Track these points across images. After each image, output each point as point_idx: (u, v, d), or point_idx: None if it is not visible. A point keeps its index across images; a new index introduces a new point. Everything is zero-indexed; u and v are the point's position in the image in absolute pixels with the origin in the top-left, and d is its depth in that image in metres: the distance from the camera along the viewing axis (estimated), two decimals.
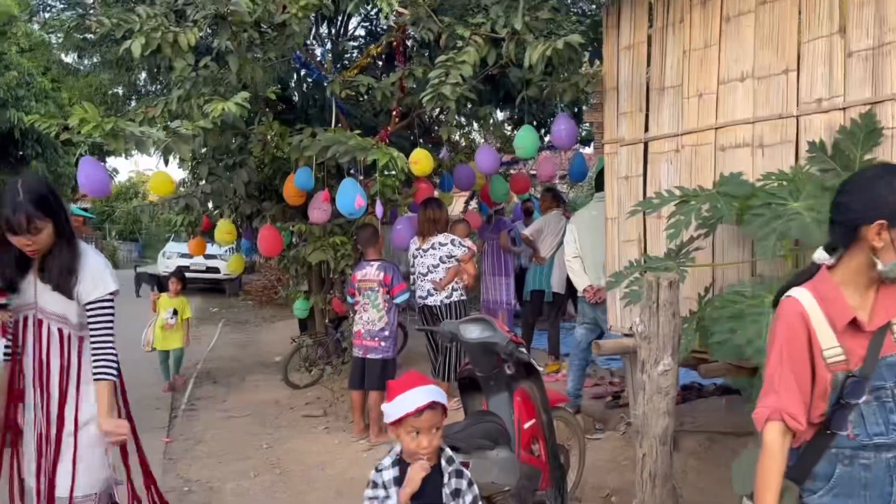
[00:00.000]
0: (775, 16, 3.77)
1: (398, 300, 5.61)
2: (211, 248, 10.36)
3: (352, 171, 6.35)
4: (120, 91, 8.21)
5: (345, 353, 7.23)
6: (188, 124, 4.98)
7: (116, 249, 44.90)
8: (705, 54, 4.14)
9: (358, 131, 4.97)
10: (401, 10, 5.66)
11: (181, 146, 4.88)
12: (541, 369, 3.82)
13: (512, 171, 8.05)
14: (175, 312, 7.56)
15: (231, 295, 18.04)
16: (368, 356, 5.65)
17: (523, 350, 3.42)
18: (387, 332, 5.64)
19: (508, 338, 3.42)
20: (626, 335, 4.82)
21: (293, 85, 7.17)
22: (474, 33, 5.08)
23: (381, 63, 6.91)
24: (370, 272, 5.65)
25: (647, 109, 4.57)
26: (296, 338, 7.35)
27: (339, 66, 6.68)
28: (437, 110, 7.00)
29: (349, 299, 5.95)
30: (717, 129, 4.07)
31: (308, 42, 5.89)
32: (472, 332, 3.59)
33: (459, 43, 5.02)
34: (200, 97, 5.39)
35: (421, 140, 6.54)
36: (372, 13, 7.39)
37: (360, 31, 7.59)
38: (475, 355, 3.57)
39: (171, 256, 18.18)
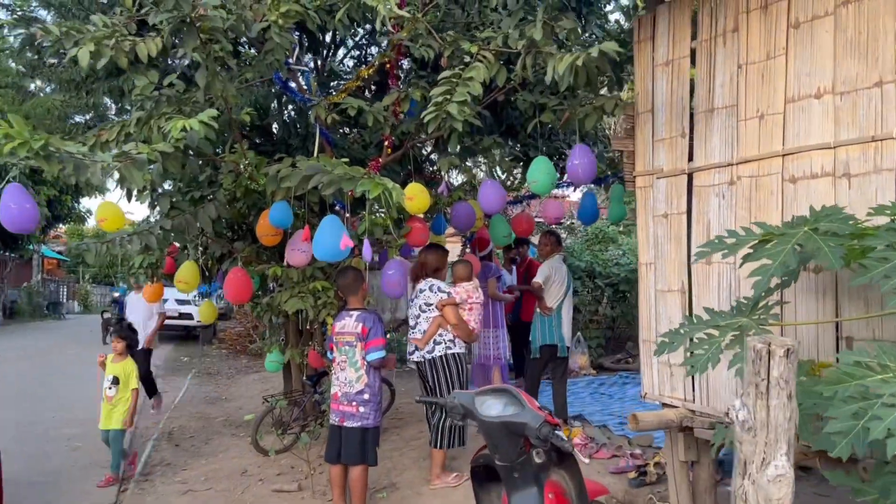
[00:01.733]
0: (863, 17, 3.07)
1: (370, 357, 4.65)
2: (183, 294, 9.62)
3: (337, 208, 5.57)
4: (84, 120, 7.42)
5: (324, 416, 6.32)
6: (144, 147, 4.20)
7: (89, 293, 43.66)
8: (768, 68, 3.44)
9: (345, 160, 4.21)
10: (397, 25, 4.97)
11: (133, 173, 4.07)
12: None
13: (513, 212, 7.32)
14: (116, 381, 6.01)
15: (205, 343, 17.01)
16: (346, 423, 4.73)
17: (561, 435, 2.59)
18: (366, 396, 4.70)
19: (542, 417, 2.60)
20: (666, 405, 4.01)
21: (273, 113, 6.42)
22: (483, 49, 4.38)
23: (372, 88, 6.19)
24: (349, 323, 4.77)
25: (692, 135, 3.86)
26: (268, 397, 6.44)
27: (325, 91, 5.95)
28: (432, 143, 6.27)
29: (329, 355, 5.10)
30: (784, 155, 3.34)
31: (290, 61, 5.14)
32: (492, 407, 2.77)
33: (467, 59, 4.30)
34: (161, 117, 4.62)
35: (415, 175, 5.79)
36: (362, 33, 6.71)
37: (349, 59, 6.89)
38: (495, 438, 2.74)
39: None
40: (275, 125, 6.51)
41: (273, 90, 5.93)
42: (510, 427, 2.66)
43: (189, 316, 17.06)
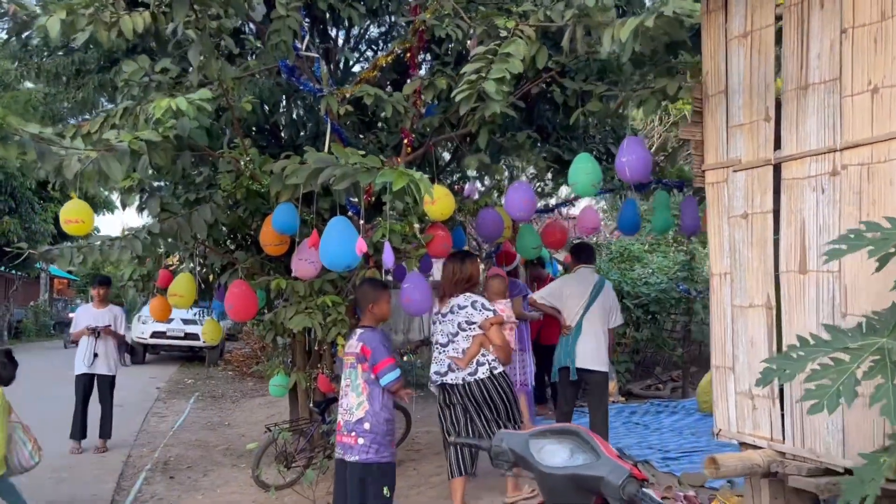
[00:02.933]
0: None
1: (384, 381, 3.96)
2: (189, 312, 8.91)
3: (350, 214, 4.93)
4: (76, 122, 6.85)
5: (333, 448, 5.65)
6: (126, 135, 3.59)
7: None
8: (882, 31, 2.79)
9: (362, 152, 3.57)
10: (419, 6, 4.37)
11: (112, 165, 3.46)
12: None
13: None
14: None
15: (210, 365, 16.35)
16: (346, 457, 4.04)
17: (653, 496, 1.91)
18: (366, 425, 3.96)
19: (626, 470, 1.92)
20: (746, 445, 3.31)
21: (280, 110, 5.82)
22: (520, 25, 3.75)
23: (388, 86, 5.56)
24: (351, 343, 4.14)
25: (778, 119, 3.20)
26: (271, 426, 5.77)
27: (336, 82, 5.33)
28: (453, 144, 5.64)
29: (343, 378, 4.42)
30: None
31: (298, 46, 4.54)
32: (555, 454, 2.10)
33: (503, 34, 3.67)
34: (150, 104, 4.01)
35: (438, 177, 5.14)
36: (376, 32, 6.11)
37: (361, 54, 6.27)
38: (559, 495, 2.06)
39: (147, 321, 16.46)
40: (282, 122, 5.90)
41: (279, 83, 5.32)
42: (580, 482, 1.99)
43: (195, 336, 16.40)
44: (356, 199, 4.98)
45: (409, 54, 4.83)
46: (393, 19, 5.75)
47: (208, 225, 4.71)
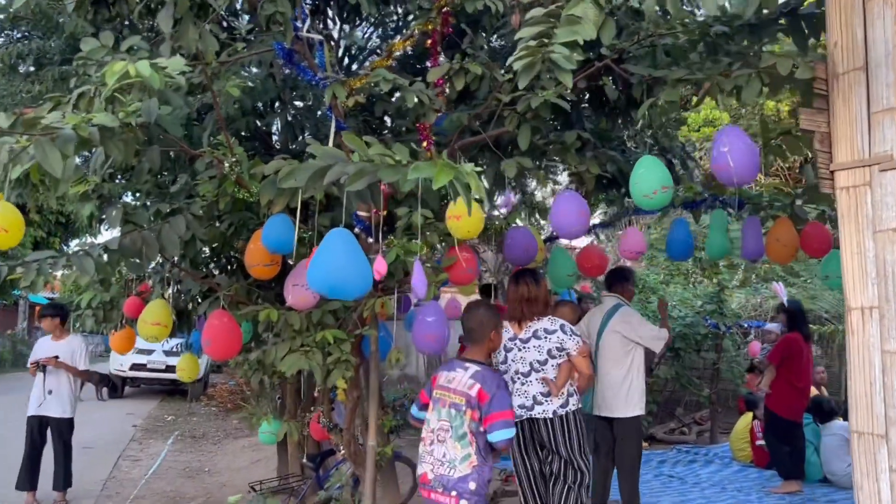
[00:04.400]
0: None
1: (496, 438, 3.23)
2: (171, 343, 7.98)
3: (357, 230, 4.07)
4: None
5: None
6: (73, 118, 2.72)
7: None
8: None
9: (382, 143, 2.73)
10: None
11: (50, 153, 2.59)
12: None
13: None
14: None
15: (193, 400, 15.28)
16: None
17: None
18: (472, 486, 3.21)
19: None
20: None
21: (275, 110, 4.96)
22: None
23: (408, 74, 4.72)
24: (460, 378, 3.39)
25: None
26: (255, 484, 4.82)
27: (343, 70, 4.51)
28: (479, 146, 4.78)
29: (414, 412, 3.67)
30: None
31: (298, 25, 3.70)
32: None
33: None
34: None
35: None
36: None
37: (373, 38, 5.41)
38: None
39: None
40: (276, 125, 5.04)
41: (272, 75, 4.48)
42: None
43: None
44: (365, 213, 4.11)
45: (430, 40, 3.99)
46: (408, 7, 4.93)
47: (183, 241, 3.83)
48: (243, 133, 5.19)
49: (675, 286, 11.76)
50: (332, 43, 4.71)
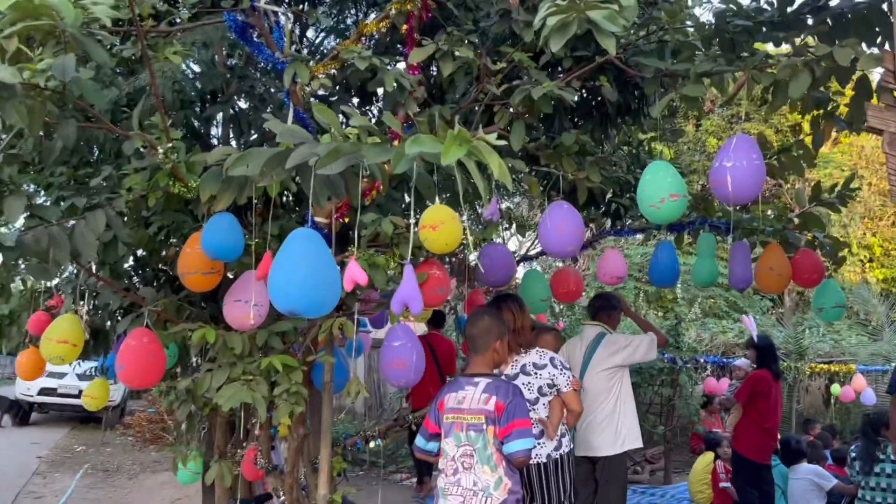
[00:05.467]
0: None
1: (514, 448, 2.95)
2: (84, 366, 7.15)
3: (309, 221, 3.47)
4: None
5: None
6: None
7: None
8: None
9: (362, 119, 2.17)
10: None
11: None
12: None
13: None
14: None
15: (108, 428, 14.07)
16: None
17: None
18: None
19: None
20: None
21: (219, 99, 4.32)
22: None
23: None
24: (472, 396, 3.10)
25: None
26: None
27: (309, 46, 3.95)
28: None
29: (421, 444, 3.34)
30: None
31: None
32: None
33: None
34: None
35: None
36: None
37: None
38: None
39: None
40: (218, 118, 4.41)
41: (216, 64, 3.87)
42: None
43: None
44: (323, 219, 3.52)
45: (406, 22, 3.47)
46: None
47: (102, 244, 3.16)
48: (180, 130, 4.53)
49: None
50: (293, 16, 4.12)
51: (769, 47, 3.59)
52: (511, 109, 3.18)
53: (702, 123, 17.62)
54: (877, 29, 3.07)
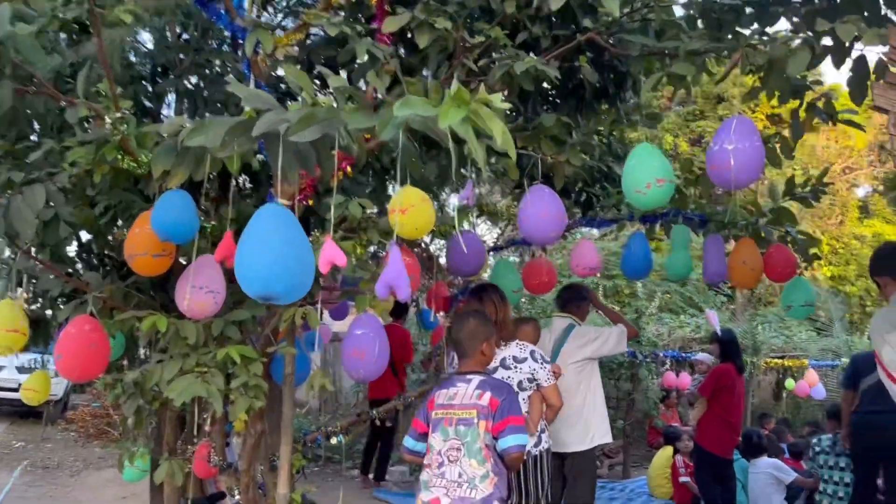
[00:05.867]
0: None
1: (508, 443, 2.92)
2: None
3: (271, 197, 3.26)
4: None
5: None
6: None
7: None
8: None
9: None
10: None
11: None
12: None
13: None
14: None
15: (49, 423, 13.47)
16: None
17: None
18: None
19: None
20: None
21: (171, 73, 4.04)
22: None
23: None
24: (464, 392, 3.06)
25: None
26: None
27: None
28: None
29: (410, 444, 3.22)
30: None
31: None
32: None
33: None
34: None
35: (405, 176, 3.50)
36: None
37: None
38: None
39: None
40: (171, 94, 4.13)
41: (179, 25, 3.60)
42: None
43: None
44: (286, 201, 3.29)
45: None
46: None
47: (42, 222, 2.88)
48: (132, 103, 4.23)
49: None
50: None
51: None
52: (488, 86, 3.00)
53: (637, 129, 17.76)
54: (864, 14, 2.98)
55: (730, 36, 2.98)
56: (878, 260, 3.08)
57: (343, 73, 3.81)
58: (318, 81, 4.35)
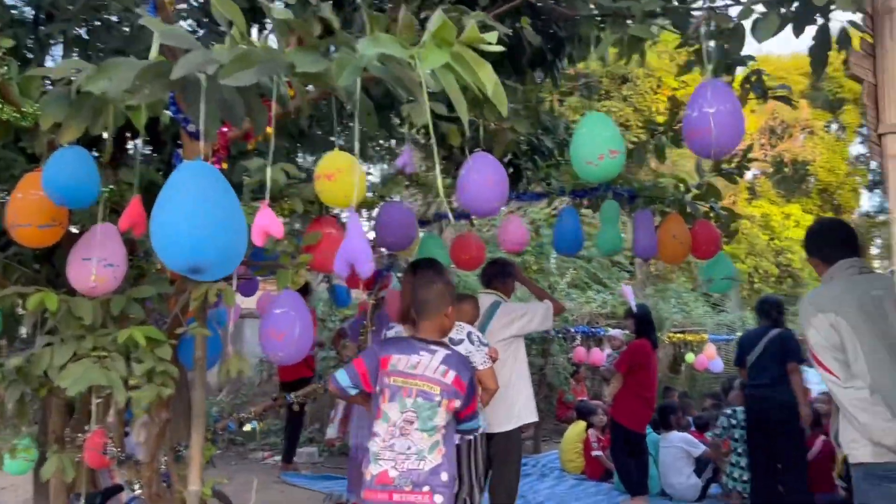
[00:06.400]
0: None
1: (467, 426, 3.08)
2: None
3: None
4: None
5: None
6: None
7: None
8: None
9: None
10: None
11: None
12: None
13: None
14: None
15: None
16: None
17: None
18: (444, 477, 2.86)
19: None
20: None
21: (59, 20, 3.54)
22: None
23: None
24: (427, 363, 2.91)
25: None
26: None
27: None
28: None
29: (343, 381, 3.01)
30: None
31: None
32: None
33: None
34: None
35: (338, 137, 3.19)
36: None
37: None
38: None
39: None
40: (58, 41, 3.62)
41: None
42: None
43: None
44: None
45: None
46: None
47: None
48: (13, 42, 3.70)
49: None
50: None
51: None
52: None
53: (565, 101, 17.89)
54: None
55: None
56: (807, 240, 3.03)
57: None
58: None
